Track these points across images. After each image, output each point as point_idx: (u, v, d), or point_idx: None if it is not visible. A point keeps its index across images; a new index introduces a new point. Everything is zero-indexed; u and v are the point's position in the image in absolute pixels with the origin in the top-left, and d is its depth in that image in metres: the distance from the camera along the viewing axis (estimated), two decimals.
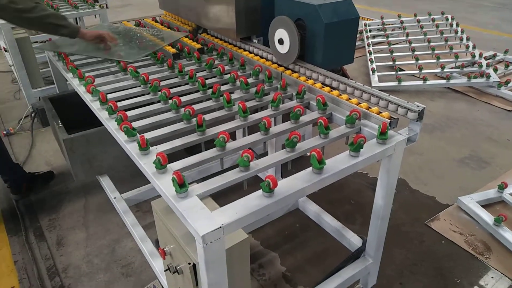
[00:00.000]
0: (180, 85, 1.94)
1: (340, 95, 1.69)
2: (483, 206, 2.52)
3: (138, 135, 1.47)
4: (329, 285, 1.78)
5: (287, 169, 1.53)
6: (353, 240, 2.06)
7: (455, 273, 2.12)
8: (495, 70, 4.40)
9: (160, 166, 1.27)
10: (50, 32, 2.15)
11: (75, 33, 2.14)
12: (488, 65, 4.41)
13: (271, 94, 1.81)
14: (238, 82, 1.90)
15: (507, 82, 4.14)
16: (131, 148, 1.43)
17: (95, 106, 1.77)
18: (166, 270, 1.49)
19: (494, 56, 4.85)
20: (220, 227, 1.07)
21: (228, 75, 1.95)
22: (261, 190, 1.19)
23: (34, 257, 2.26)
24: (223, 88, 1.88)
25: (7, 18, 1.98)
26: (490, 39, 5.90)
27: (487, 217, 2.40)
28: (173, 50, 2.25)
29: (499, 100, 4.05)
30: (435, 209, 2.58)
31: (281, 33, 1.88)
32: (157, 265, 1.90)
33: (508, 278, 2.07)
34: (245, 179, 1.30)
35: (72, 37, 2.17)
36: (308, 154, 1.36)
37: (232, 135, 1.52)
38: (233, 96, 1.78)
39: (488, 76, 4.16)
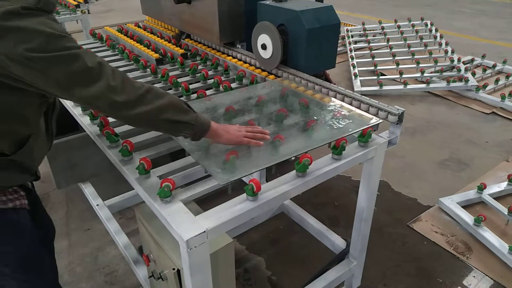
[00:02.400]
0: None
1: (322, 98, 1.72)
2: (463, 207, 2.57)
3: (120, 140, 1.46)
4: (314, 287, 1.79)
5: (271, 172, 1.54)
6: (337, 242, 2.08)
7: (437, 273, 2.16)
8: (473, 74, 4.52)
9: (144, 171, 1.26)
10: (163, 131, 1.31)
11: (204, 131, 1.26)
12: (466, 70, 4.53)
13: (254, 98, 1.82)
14: (221, 87, 1.90)
15: (484, 86, 4.26)
16: (114, 154, 1.41)
17: (76, 111, 1.75)
18: (150, 277, 1.48)
19: (472, 60, 4.99)
20: (204, 232, 1.07)
21: (212, 80, 1.96)
22: (245, 194, 1.20)
23: None
24: (207, 93, 1.88)
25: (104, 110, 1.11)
26: (469, 44, 6.07)
27: (467, 217, 2.45)
28: (156, 56, 2.25)
29: (477, 104, 4.16)
30: (417, 210, 2.63)
31: (264, 38, 1.90)
32: (141, 272, 1.88)
33: (490, 277, 2.12)
34: (229, 183, 1.31)
35: (196, 139, 1.28)
36: (292, 158, 1.37)
37: None
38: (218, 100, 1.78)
39: (467, 80, 4.27)
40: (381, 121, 1.54)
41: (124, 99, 1.07)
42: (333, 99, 1.72)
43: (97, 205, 2.34)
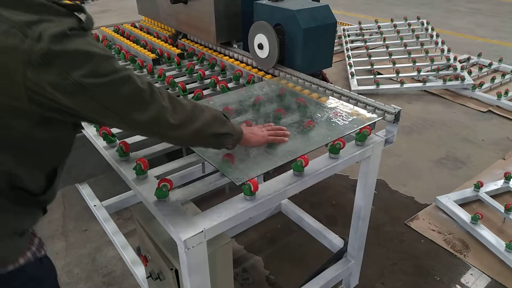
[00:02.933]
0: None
1: (319, 98, 1.72)
2: (460, 205, 2.58)
3: (117, 140, 1.46)
4: (312, 286, 1.80)
5: (269, 172, 1.54)
6: (335, 241, 2.08)
7: (434, 271, 2.17)
8: (470, 73, 4.54)
9: (141, 172, 1.26)
10: (208, 146, 1.24)
11: (239, 139, 1.23)
12: (462, 68, 4.54)
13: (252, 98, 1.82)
14: (218, 87, 1.90)
15: (481, 84, 4.28)
16: (111, 155, 1.41)
17: None
18: (148, 277, 1.48)
19: (468, 59, 5.01)
20: (202, 232, 1.08)
21: (209, 80, 1.96)
22: (242, 193, 1.20)
23: None
24: (204, 92, 1.88)
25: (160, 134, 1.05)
26: (464, 43, 6.09)
27: (464, 215, 2.46)
28: (152, 56, 2.24)
29: (473, 102, 4.18)
30: (414, 209, 2.64)
31: (260, 38, 1.90)
32: (139, 272, 1.88)
33: (487, 275, 2.13)
34: (227, 183, 1.31)
35: (232, 148, 1.24)
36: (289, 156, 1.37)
37: None
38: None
39: (463, 79, 4.28)
40: (379, 118, 1.54)
41: (177, 119, 1.01)
42: (330, 98, 1.73)
43: (94, 205, 2.34)
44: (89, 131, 1.58)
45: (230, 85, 1.95)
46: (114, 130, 1.51)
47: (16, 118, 0.81)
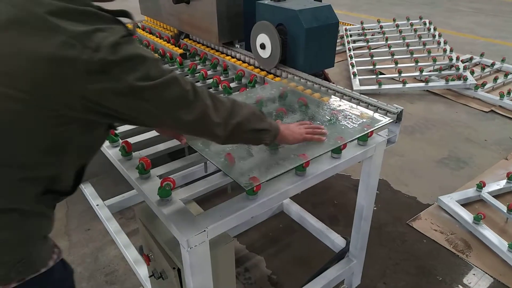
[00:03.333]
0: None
1: (322, 97, 1.72)
2: (462, 205, 2.58)
3: (120, 140, 1.46)
4: (314, 286, 1.80)
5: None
6: (337, 241, 2.08)
7: (437, 271, 2.17)
8: (472, 72, 4.53)
9: (144, 171, 1.27)
10: (248, 142, 1.25)
11: (276, 135, 1.21)
12: (465, 68, 4.54)
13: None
14: (221, 87, 1.91)
15: (483, 84, 4.27)
16: (113, 154, 1.42)
17: None
18: (150, 276, 1.48)
19: (471, 59, 4.99)
20: (204, 231, 1.08)
21: (211, 80, 1.96)
22: (245, 193, 1.20)
23: None
24: None
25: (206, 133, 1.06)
26: (467, 42, 6.07)
27: (467, 215, 2.46)
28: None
29: (476, 102, 4.17)
30: (416, 209, 2.64)
31: (262, 38, 1.90)
32: (141, 271, 1.89)
33: (489, 275, 2.13)
34: (229, 182, 1.31)
35: (269, 143, 1.23)
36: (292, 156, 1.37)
37: None
38: None
39: (465, 79, 4.28)
40: (390, 120, 1.50)
41: (220, 116, 1.02)
42: (340, 100, 1.69)
43: (97, 205, 2.35)
44: None
45: (232, 85, 1.95)
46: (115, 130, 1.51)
47: (64, 125, 0.83)
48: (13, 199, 0.87)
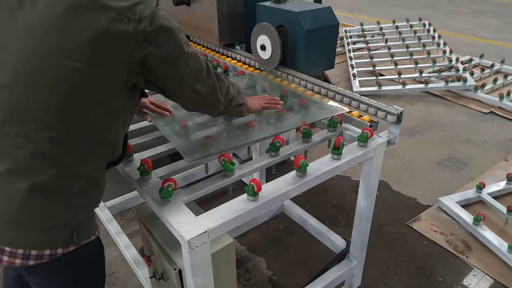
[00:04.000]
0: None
1: (322, 99, 1.73)
2: (462, 206, 2.58)
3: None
4: (314, 287, 1.80)
5: (271, 173, 1.55)
6: (337, 242, 2.09)
7: (437, 272, 2.17)
8: (472, 74, 4.54)
9: (145, 172, 1.27)
10: (232, 115, 1.46)
11: (248, 108, 1.42)
12: (464, 70, 4.54)
13: None
14: None
15: (483, 86, 4.27)
16: None
17: None
18: (151, 277, 1.49)
19: (470, 60, 5.00)
20: (206, 232, 1.08)
21: None
22: (245, 194, 1.21)
23: None
24: None
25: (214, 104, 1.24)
26: (466, 44, 6.09)
27: (467, 216, 2.46)
28: None
29: (475, 103, 4.18)
30: (416, 210, 2.64)
31: (263, 39, 1.91)
32: (142, 273, 1.89)
33: (489, 276, 2.13)
34: (230, 184, 1.32)
35: (244, 115, 1.46)
36: (292, 158, 1.38)
37: None
38: None
39: (465, 80, 4.28)
40: (346, 110, 1.60)
41: (222, 92, 1.22)
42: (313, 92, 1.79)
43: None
44: None
45: None
46: None
47: (118, 90, 0.97)
48: (90, 164, 0.99)
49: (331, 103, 1.68)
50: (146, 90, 1.14)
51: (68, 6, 0.88)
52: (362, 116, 1.58)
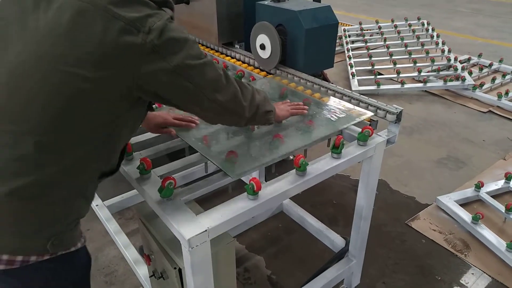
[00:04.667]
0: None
1: (321, 98, 1.73)
2: (461, 205, 2.59)
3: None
4: (314, 286, 1.80)
5: (271, 172, 1.55)
6: (336, 241, 2.09)
7: (436, 270, 2.18)
8: (470, 73, 4.55)
9: (145, 171, 1.27)
10: (260, 123, 1.37)
11: (275, 115, 1.36)
12: (463, 69, 4.55)
13: None
14: None
15: (481, 85, 4.28)
16: None
17: None
18: (151, 276, 1.49)
19: (469, 59, 5.01)
20: (206, 231, 1.08)
21: None
22: (245, 193, 1.21)
23: None
24: None
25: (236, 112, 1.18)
26: (465, 43, 6.09)
27: (465, 215, 2.47)
28: None
29: (474, 102, 4.18)
30: (415, 209, 2.64)
31: (262, 38, 1.91)
32: (141, 271, 1.89)
33: (488, 275, 2.14)
34: (230, 183, 1.32)
35: (273, 122, 1.37)
36: (291, 157, 1.38)
37: None
38: None
39: (464, 79, 4.29)
40: (372, 114, 1.57)
41: (246, 99, 1.16)
42: (331, 98, 1.73)
43: (97, 205, 2.34)
44: None
45: None
46: None
47: (121, 102, 0.94)
48: (76, 176, 0.96)
49: (348, 105, 1.64)
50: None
51: (77, 13, 0.87)
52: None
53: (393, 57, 4.78)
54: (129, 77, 0.91)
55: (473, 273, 2.15)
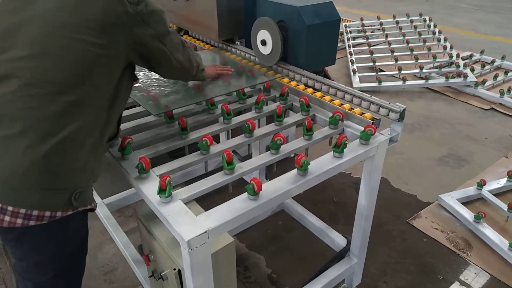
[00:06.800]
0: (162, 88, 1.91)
1: (323, 96, 1.70)
2: (463, 203, 2.57)
3: (119, 138, 1.44)
4: (315, 285, 1.78)
5: (272, 171, 1.53)
6: (337, 240, 2.07)
7: (437, 269, 2.16)
8: (472, 70, 4.51)
9: (143, 171, 1.25)
10: (199, 79, 1.68)
11: (206, 74, 1.70)
12: (465, 65, 4.52)
13: (254, 96, 1.81)
14: None
15: (483, 82, 4.25)
16: (112, 152, 1.40)
17: None
18: (150, 277, 1.47)
19: (471, 56, 4.97)
20: (206, 232, 1.06)
21: None
22: (246, 193, 1.19)
23: (13, 266, 2.19)
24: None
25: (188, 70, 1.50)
26: (467, 39, 6.05)
27: (467, 214, 2.45)
28: None
29: (476, 99, 4.16)
30: (416, 207, 2.63)
31: (263, 34, 1.88)
32: (141, 271, 1.87)
33: (490, 274, 2.12)
34: (230, 182, 1.30)
35: (202, 80, 1.72)
36: (292, 155, 1.36)
37: (216, 138, 1.51)
38: (216, 98, 1.76)
39: (466, 76, 4.26)
40: (279, 76, 1.85)
41: (197, 60, 1.53)
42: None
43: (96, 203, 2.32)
44: None
45: None
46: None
47: (117, 64, 1.14)
48: (92, 133, 1.10)
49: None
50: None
51: None
52: (364, 114, 1.56)
53: (394, 54, 4.74)
54: (125, 41, 1.13)
55: (475, 272, 2.14)
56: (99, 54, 1.06)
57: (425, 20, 5.59)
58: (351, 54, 4.90)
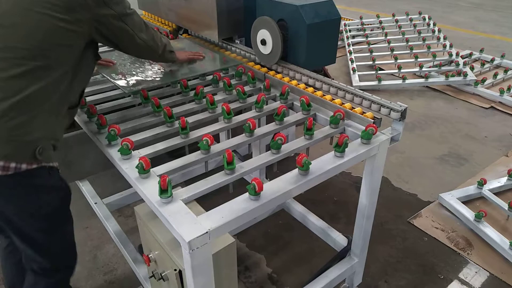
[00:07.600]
0: (162, 87, 1.91)
1: (324, 95, 1.69)
2: (463, 202, 2.57)
3: (119, 139, 1.43)
4: (315, 285, 1.78)
5: (273, 170, 1.52)
6: (338, 239, 2.06)
7: (438, 269, 2.16)
8: (472, 68, 4.51)
9: (143, 171, 1.24)
10: (168, 61, 1.82)
11: (175, 56, 1.82)
12: (465, 64, 4.51)
13: (254, 95, 1.80)
14: (221, 84, 1.88)
15: (483, 80, 4.25)
16: (112, 153, 1.39)
17: None
18: (150, 277, 1.46)
19: (471, 55, 4.97)
20: (207, 232, 1.05)
21: (211, 77, 1.93)
22: (247, 193, 1.18)
23: None
24: (205, 89, 1.86)
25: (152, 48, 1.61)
26: (466, 38, 6.05)
27: (468, 213, 2.44)
28: None
29: (476, 98, 4.15)
30: (417, 206, 2.62)
31: (263, 33, 1.87)
32: (141, 271, 1.86)
33: (490, 273, 2.12)
34: (231, 182, 1.29)
35: (172, 61, 1.85)
36: (292, 154, 1.35)
37: (216, 137, 1.50)
38: (216, 97, 1.76)
39: (465, 75, 4.25)
40: (244, 62, 2.02)
41: (161, 41, 1.65)
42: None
43: (95, 203, 2.31)
44: (89, 128, 1.56)
45: (232, 81, 1.92)
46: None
47: (79, 39, 1.28)
48: (54, 93, 1.23)
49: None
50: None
51: None
52: (365, 113, 1.55)
53: (394, 52, 4.74)
54: (89, 19, 1.27)
55: (476, 272, 2.13)
56: (64, 28, 1.21)
57: (424, 19, 5.58)
58: (350, 53, 4.89)
